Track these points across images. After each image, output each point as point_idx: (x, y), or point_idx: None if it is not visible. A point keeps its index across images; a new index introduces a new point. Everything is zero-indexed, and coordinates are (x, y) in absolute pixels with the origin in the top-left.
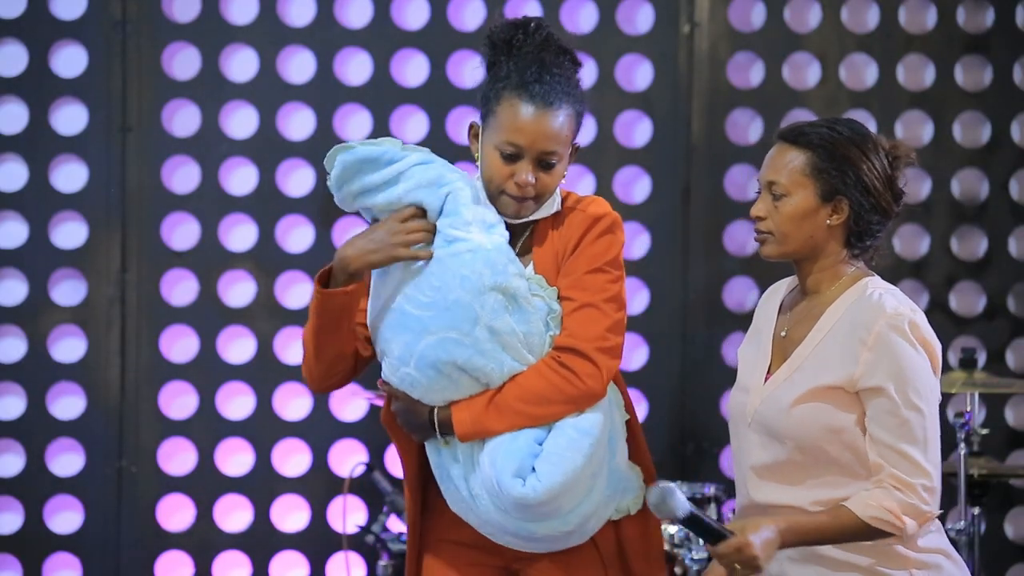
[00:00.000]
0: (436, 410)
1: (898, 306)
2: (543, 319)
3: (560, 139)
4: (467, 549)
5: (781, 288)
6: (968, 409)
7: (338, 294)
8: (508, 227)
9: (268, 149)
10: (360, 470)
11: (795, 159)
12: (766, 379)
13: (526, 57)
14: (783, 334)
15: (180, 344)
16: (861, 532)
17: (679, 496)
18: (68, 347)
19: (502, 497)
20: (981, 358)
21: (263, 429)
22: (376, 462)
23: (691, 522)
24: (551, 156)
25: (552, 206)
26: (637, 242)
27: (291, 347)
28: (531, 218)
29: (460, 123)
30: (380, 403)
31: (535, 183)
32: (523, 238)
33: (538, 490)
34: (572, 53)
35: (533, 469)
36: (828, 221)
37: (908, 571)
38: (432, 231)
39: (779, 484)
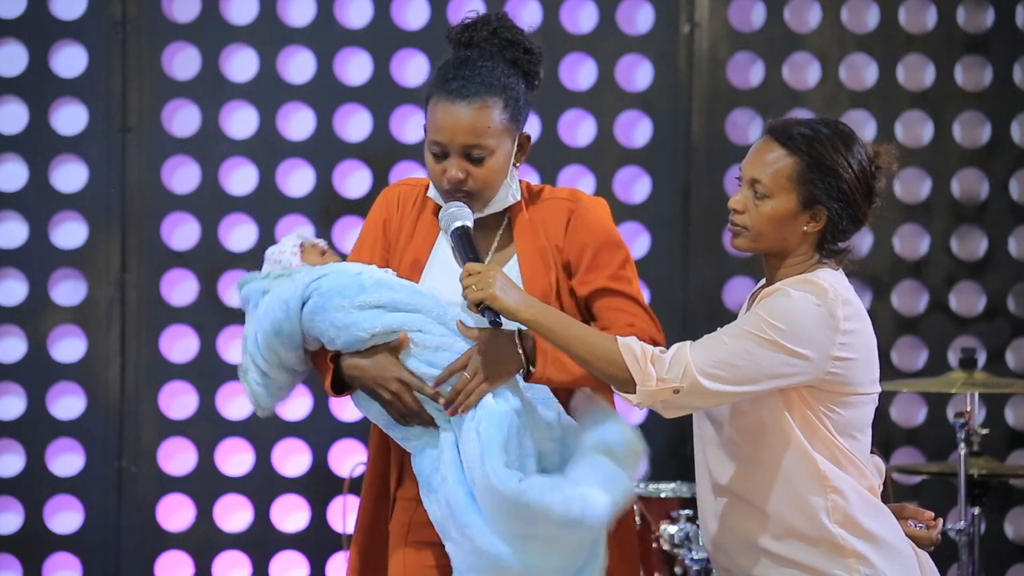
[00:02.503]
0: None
1: (826, 280)
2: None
3: (480, 131)
4: (433, 549)
5: (761, 283)
6: (968, 409)
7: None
8: (478, 223)
9: (268, 149)
10: (360, 470)
11: (781, 161)
12: None
13: (458, 54)
14: None
15: (180, 344)
16: (603, 351)
17: (466, 210)
18: (68, 347)
19: (485, 479)
20: (981, 358)
21: (263, 429)
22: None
23: (464, 236)
24: (475, 149)
25: (506, 198)
26: (637, 242)
27: None
28: (487, 212)
29: None
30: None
31: (466, 178)
32: (499, 233)
33: (529, 493)
34: (523, 43)
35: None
36: (805, 228)
37: (845, 560)
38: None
39: (731, 462)
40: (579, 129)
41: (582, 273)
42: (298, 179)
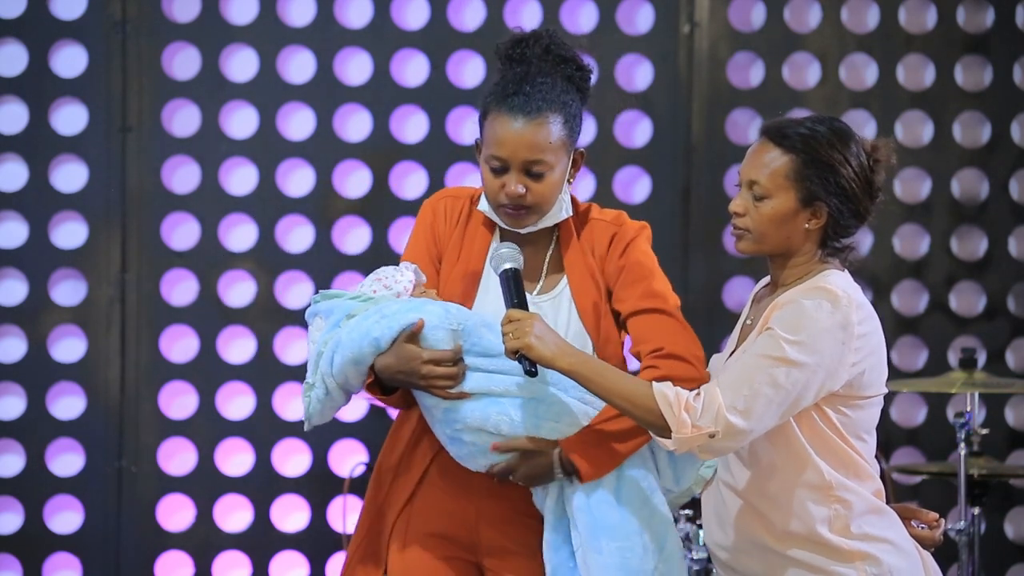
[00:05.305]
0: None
1: (838, 285)
2: None
3: (542, 148)
4: (442, 541)
5: (763, 281)
6: (968, 409)
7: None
8: (523, 242)
9: (268, 149)
10: (360, 470)
11: (777, 160)
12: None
13: (515, 70)
14: (748, 322)
15: (180, 344)
16: (639, 399)
17: (516, 252)
18: (68, 347)
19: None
20: (981, 358)
21: (263, 429)
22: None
23: (512, 278)
24: (536, 165)
25: (559, 213)
26: None
27: (291, 347)
28: (537, 227)
29: (460, 123)
30: (380, 403)
31: (525, 193)
32: (549, 252)
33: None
34: (576, 60)
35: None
36: (806, 225)
37: (852, 562)
38: (458, 376)
39: (740, 463)
40: None
41: (617, 292)
42: (298, 179)
